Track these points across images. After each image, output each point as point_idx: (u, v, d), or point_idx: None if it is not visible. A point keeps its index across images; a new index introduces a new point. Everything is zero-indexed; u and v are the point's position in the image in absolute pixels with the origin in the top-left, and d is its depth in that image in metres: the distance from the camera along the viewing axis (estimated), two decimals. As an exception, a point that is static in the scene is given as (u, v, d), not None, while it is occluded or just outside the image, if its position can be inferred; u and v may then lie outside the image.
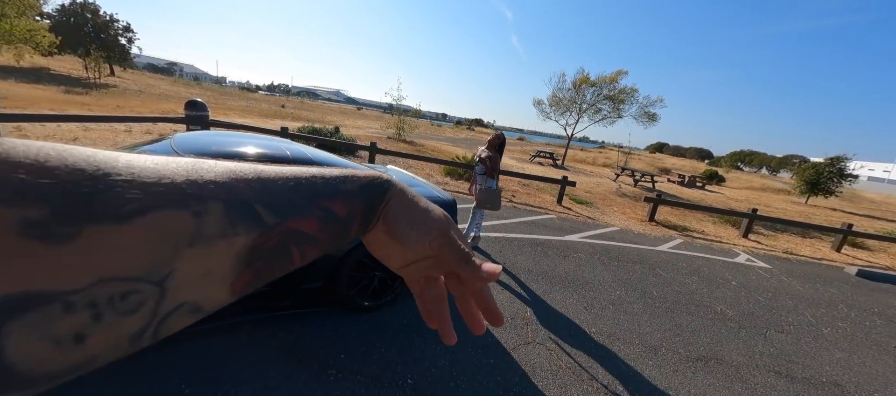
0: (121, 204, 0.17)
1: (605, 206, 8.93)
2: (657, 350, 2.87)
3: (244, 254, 0.21)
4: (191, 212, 0.19)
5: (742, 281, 4.96)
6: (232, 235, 0.20)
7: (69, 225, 0.15)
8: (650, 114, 17.57)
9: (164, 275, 0.18)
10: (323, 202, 0.26)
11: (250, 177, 0.23)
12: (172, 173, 0.19)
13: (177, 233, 0.18)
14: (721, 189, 19.59)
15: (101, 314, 0.16)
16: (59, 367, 0.16)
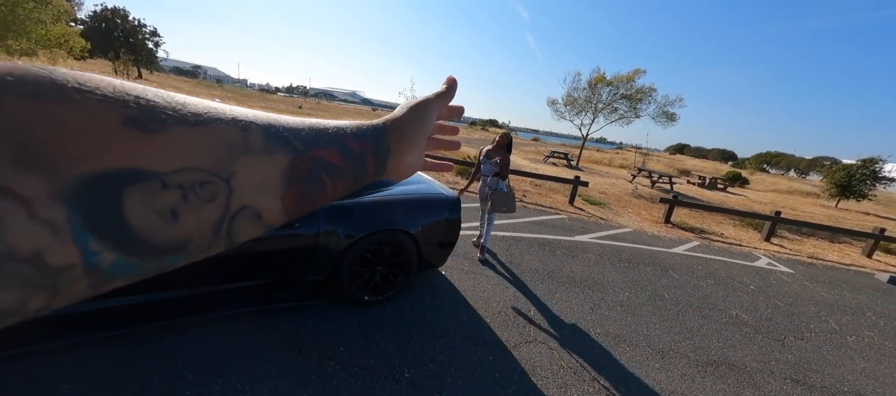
0: (190, 116, 0.21)
1: (620, 207, 8.74)
2: (665, 354, 2.78)
3: (286, 173, 0.26)
4: (239, 128, 0.24)
5: (761, 285, 4.76)
6: (273, 153, 0.25)
7: (156, 121, 0.20)
8: (669, 113, 17.08)
9: (229, 174, 0.23)
10: (340, 139, 0.32)
11: (280, 120, 0.28)
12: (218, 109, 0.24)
13: (231, 142, 0.23)
14: (744, 191, 18.86)
15: (187, 195, 0.21)
16: (164, 239, 0.20)
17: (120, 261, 0.19)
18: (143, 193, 0.19)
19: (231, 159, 0.23)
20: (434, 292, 3.06)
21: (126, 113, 0.18)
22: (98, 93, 0.18)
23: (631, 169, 18.26)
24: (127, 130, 0.18)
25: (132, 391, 1.70)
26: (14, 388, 1.62)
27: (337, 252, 2.41)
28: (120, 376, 1.77)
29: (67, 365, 1.77)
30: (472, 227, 4.69)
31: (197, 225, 0.21)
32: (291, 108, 34.65)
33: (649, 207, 9.25)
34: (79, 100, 0.17)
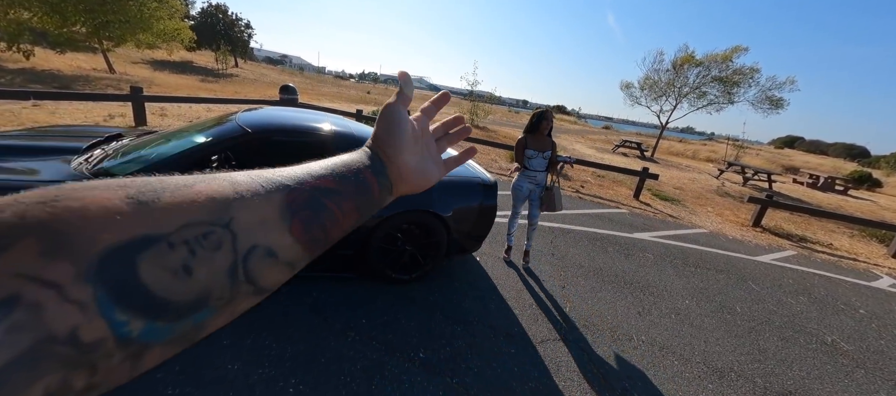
0: (181, 182, 0.24)
1: (697, 205, 7.70)
2: (724, 375, 2.40)
3: (285, 206, 0.28)
4: (228, 181, 0.26)
5: (876, 310, 3.84)
6: (266, 194, 0.27)
7: (152, 193, 0.22)
8: (774, 99, 14.36)
9: (228, 220, 0.24)
10: (329, 168, 0.34)
11: (268, 171, 0.30)
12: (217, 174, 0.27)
13: (222, 191, 0.25)
14: (874, 195, 15.29)
15: (194, 249, 0.22)
16: (183, 296, 0.22)
17: (149, 327, 0.20)
18: (154, 256, 0.21)
19: (226, 206, 0.25)
20: (464, 277, 3.02)
21: (127, 193, 0.21)
22: (102, 186, 0.21)
23: (719, 163, 15.91)
24: (130, 204, 0.21)
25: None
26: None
27: (367, 228, 2.49)
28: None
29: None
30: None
31: (211, 276, 0.23)
32: (360, 93, 36.63)
33: (736, 207, 8.01)
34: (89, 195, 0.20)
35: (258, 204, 0.26)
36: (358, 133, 2.70)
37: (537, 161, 3.10)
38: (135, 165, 2.18)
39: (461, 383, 1.95)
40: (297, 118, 2.64)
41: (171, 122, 7.66)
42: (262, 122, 2.44)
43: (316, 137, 2.61)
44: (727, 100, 14.71)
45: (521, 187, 3.20)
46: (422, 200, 2.60)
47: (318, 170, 0.33)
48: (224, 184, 0.26)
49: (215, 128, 2.48)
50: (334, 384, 1.80)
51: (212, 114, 9.58)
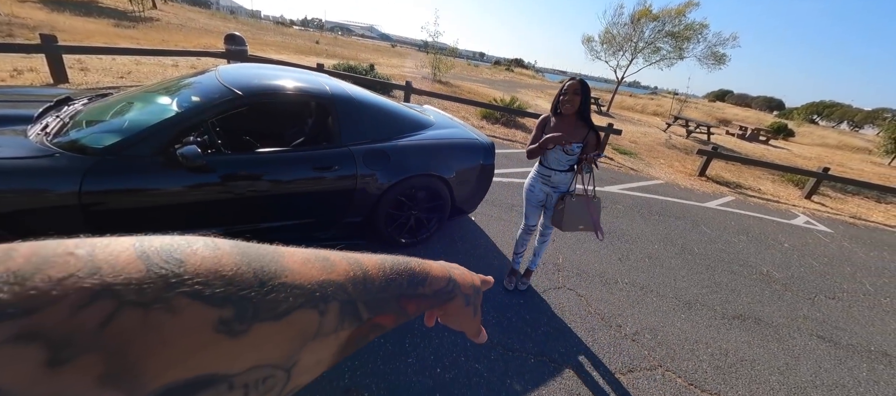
0: (276, 306, 0.22)
1: (651, 158, 8.39)
2: (691, 305, 2.83)
3: (343, 344, 0.27)
4: (318, 312, 0.24)
5: (796, 243, 4.63)
6: (339, 330, 0.26)
7: (244, 322, 0.20)
8: (718, 54, 15.45)
9: (293, 363, 0.23)
10: (402, 301, 0.33)
11: (359, 276, 0.29)
12: (311, 273, 0.25)
13: (307, 330, 0.23)
14: (788, 144, 17.58)
15: (248, 392, 0.21)
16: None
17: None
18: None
19: (300, 348, 0.23)
20: (464, 237, 3.14)
21: (221, 315, 0.19)
22: (206, 293, 0.19)
23: (665, 117, 17.15)
24: (216, 337, 0.19)
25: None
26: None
27: (375, 195, 2.46)
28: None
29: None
30: (504, 174, 4.64)
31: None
32: (308, 42, 33.46)
33: (682, 159, 8.84)
34: (185, 307, 0.18)
35: (326, 345, 0.25)
36: (357, 97, 2.56)
37: (556, 155, 2.10)
38: (110, 137, 1.92)
39: (483, 333, 2.12)
40: (288, 77, 2.43)
41: (99, 80, 6.59)
42: (254, 84, 2.22)
43: (313, 100, 2.45)
44: (678, 56, 15.58)
45: (533, 190, 2.27)
46: (426, 164, 2.60)
47: (395, 296, 0.32)
48: (313, 317, 0.24)
49: (197, 90, 2.22)
50: (369, 347, 1.87)
51: (141, 68, 8.35)
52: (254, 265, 0.22)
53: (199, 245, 0.21)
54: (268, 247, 0.25)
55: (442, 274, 0.39)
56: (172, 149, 1.84)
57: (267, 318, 0.21)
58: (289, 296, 0.22)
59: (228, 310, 0.19)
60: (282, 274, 0.23)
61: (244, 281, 0.21)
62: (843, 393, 2.24)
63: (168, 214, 1.94)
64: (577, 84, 2.02)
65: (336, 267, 0.27)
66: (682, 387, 2.04)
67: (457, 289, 0.40)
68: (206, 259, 0.20)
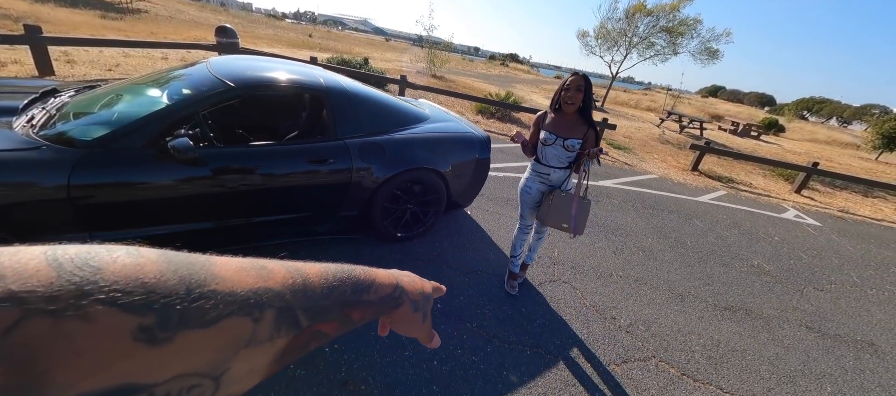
0: (204, 313, 0.21)
1: (645, 153, 8.44)
2: (684, 298, 2.87)
3: (281, 352, 0.26)
4: (252, 319, 0.24)
5: (786, 237, 4.71)
6: (276, 337, 0.25)
7: (168, 330, 0.19)
8: (712, 50, 15.54)
9: (222, 372, 0.22)
10: (346, 309, 0.32)
11: (299, 283, 0.28)
12: (245, 280, 0.24)
13: (239, 337, 0.23)
14: (779, 140, 17.82)
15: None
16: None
17: None
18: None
19: (231, 356, 0.23)
20: (459, 231, 3.14)
21: (141, 323, 0.18)
22: (124, 301, 0.18)
23: (659, 112, 17.26)
24: (135, 346, 0.18)
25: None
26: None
27: (370, 189, 2.45)
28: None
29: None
30: (500, 167, 4.64)
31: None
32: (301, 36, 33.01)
33: (676, 153, 8.91)
34: (100, 315, 0.17)
35: (260, 353, 0.24)
36: (351, 90, 2.53)
37: (555, 151, 2.04)
38: (99, 129, 1.88)
39: (480, 326, 2.13)
40: (281, 69, 2.39)
41: (86, 72, 6.44)
42: (246, 75, 2.19)
43: (307, 92, 2.42)
44: (672, 51, 15.64)
45: (529, 190, 2.20)
46: (422, 158, 2.59)
47: (338, 303, 0.31)
48: (246, 324, 0.23)
49: (189, 82, 2.18)
50: (365, 340, 1.87)
51: (130, 60, 8.18)
52: (181, 272, 0.21)
53: (120, 253, 0.20)
54: (199, 256, 0.24)
55: (388, 281, 0.38)
56: (163, 142, 1.81)
57: (194, 326, 0.20)
58: (219, 304, 0.22)
59: (150, 318, 0.19)
60: (212, 282, 0.22)
61: (169, 289, 0.20)
62: (831, 382, 2.29)
63: (160, 208, 1.91)
64: (580, 80, 1.94)
65: (273, 274, 0.27)
66: (674, 377, 2.08)
67: (404, 296, 0.40)
68: (127, 266, 0.19)
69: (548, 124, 2.08)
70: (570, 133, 2.00)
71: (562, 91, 1.99)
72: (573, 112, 1.99)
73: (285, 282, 0.27)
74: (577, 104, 1.96)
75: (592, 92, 2.00)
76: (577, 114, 2.01)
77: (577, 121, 2.01)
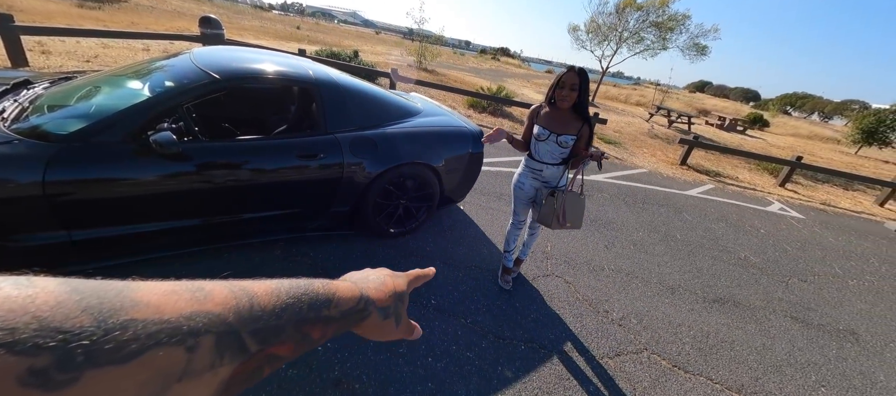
0: (121, 347, 0.18)
1: (635, 147, 8.53)
2: (675, 291, 2.90)
3: (226, 381, 0.24)
4: (185, 347, 0.21)
5: (771, 229, 4.81)
6: (218, 366, 0.23)
7: (70, 371, 0.17)
8: (700, 46, 15.75)
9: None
10: (303, 327, 0.29)
11: (245, 304, 0.25)
12: (176, 305, 0.21)
13: (169, 370, 0.20)
14: (763, 134, 18.21)
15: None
16: None
17: None
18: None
19: (161, 391, 0.20)
20: (453, 226, 3.12)
21: (32, 365, 0.16)
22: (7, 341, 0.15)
23: (648, 107, 17.44)
24: (24, 392, 0.16)
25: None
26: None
27: (362, 184, 2.40)
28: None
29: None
30: (493, 163, 4.62)
31: None
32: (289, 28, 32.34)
33: (665, 148, 9.03)
34: None
35: (200, 381, 0.22)
36: (342, 82, 2.47)
37: (548, 147, 2.01)
38: (76, 123, 1.79)
39: (474, 321, 2.12)
40: (269, 61, 2.32)
41: (62, 63, 6.19)
42: (232, 67, 2.11)
43: (296, 85, 2.36)
44: (661, 46, 15.79)
45: (522, 186, 2.18)
46: (415, 152, 2.55)
47: (292, 323, 0.28)
48: (179, 354, 0.21)
49: (170, 73, 2.10)
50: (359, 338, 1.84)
51: (109, 51, 7.89)
52: (87, 301, 0.19)
53: (5, 285, 0.18)
54: (115, 282, 0.21)
55: (351, 293, 0.35)
56: (145, 136, 1.73)
57: (107, 362, 0.18)
58: (141, 334, 0.19)
59: (43, 358, 0.16)
60: (130, 309, 0.20)
61: (70, 322, 0.18)
62: (815, 371, 2.35)
63: (143, 205, 1.84)
64: (575, 77, 1.86)
65: (212, 296, 0.24)
66: (666, 369, 2.10)
67: (370, 306, 0.37)
68: (12, 299, 0.17)
69: (541, 118, 2.05)
70: (564, 129, 1.97)
71: (556, 87, 1.94)
72: (568, 107, 1.95)
73: (227, 304, 0.25)
74: (573, 101, 1.91)
75: (589, 87, 1.97)
76: (571, 110, 1.96)
77: (572, 117, 1.97)
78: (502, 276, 2.49)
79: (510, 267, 2.48)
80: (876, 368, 2.50)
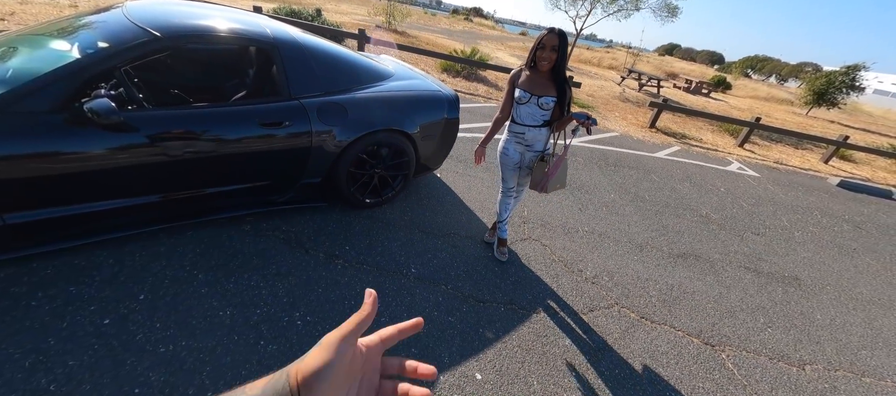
0: None
1: (607, 111, 8.65)
2: (643, 248, 3.05)
3: None
4: None
5: (730, 187, 5.12)
6: None
7: None
8: (671, 7, 15.82)
9: None
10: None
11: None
12: None
13: None
14: (726, 97, 18.96)
15: None
16: None
17: None
18: None
19: None
20: (430, 194, 3.08)
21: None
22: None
23: (620, 70, 17.59)
24: None
25: (143, 290, 1.70)
26: (19, 289, 1.58)
27: (333, 153, 2.28)
28: (130, 274, 1.75)
29: (71, 266, 1.72)
30: (471, 128, 4.54)
31: None
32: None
33: (635, 111, 9.22)
34: None
35: None
36: (305, 43, 2.27)
37: (529, 109, 2.01)
38: (-11, 88, 1.55)
39: (455, 287, 2.14)
40: (218, 18, 2.08)
41: (-28, 20, 5.34)
42: (174, 24, 1.88)
43: (252, 44, 2.14)
44: (634, 6, 15.71)
45: (507, 152, 2.17)
46: (388, 118, 2.44)
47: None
48: None
49: (103, 32, 1.83)
50: (339, 309, 1.82)
51: (29, 7, 6.89)
52: None
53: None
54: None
55: None
56: (78, 104, 1.53)
57: None
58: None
59: None
60: None
61: None
62: (763, 314, 2.59)
63: (89, 182, 1.67)
64: (555, 38, 1.87)
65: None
66: (634, 321, 2.24)
67: None
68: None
69: (522, 82, 2.03)
70: (544, 91, 1.97)
71: (537, 49, 1.92)
72: (547, 69, 1.94)
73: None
74: (552, 62, 1.91)
75: (567, 49, 1.94)
76: (550, 72, 1.96)
77: (551, 79, 1.98)
78: (498, 248, 2.48)
79: (505, 239, 2.47)
80: (814, 308, 2.79)
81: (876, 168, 8.69)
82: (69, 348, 1.42)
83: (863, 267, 3.66)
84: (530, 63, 1.99)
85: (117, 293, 1.67)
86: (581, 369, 1.83)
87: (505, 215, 2.40)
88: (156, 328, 1.54)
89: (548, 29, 1.93)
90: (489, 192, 3.30)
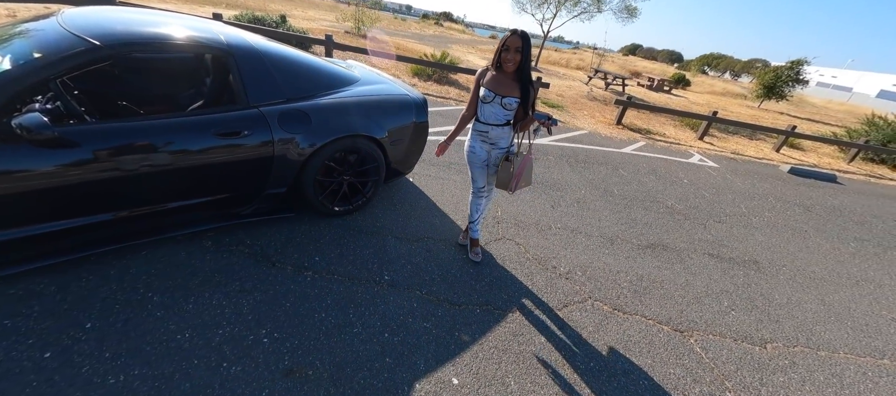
0: None
1: (576, 110, 8.90)
2: (614, 241, 3.14)
3: None
4: None
5: (693, 178, 5.37)
6: None
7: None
8: (630, 8, 16.54)
9: None
10: None
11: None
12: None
13: None
14: (686, 93, 19.98)
15: None
16: None
17: None
18: None
19: None
20: (403, 199, 3.04)
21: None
22: None
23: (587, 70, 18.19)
24: None
25: (90, 318, 1.57)
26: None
27: (297, 162, 2.21)
28: (74, 302, 1.62)
29: (6, 296, 1.57)
30: (440, 133, 4.54)
31: None
32: (206, -8, 28.25)
33: (602, 109, 9.53)
34: None
35: None
36: (263, 50, 2.19)
37: (492, 109, 2.03)
38: None
39: (429, 292, 2.11)
40: (166, 25, 1.97)
41: None
42: (117, 32, 1.76)
43: (205, 52, 2.05)
44: (596, 9, 16.32)
45: (473, 150, 2.18)
46: (354, 124, 2.39)
47: None
48: None
49: (34, 42, 1.69)
50: (309, 323, 1.75)
51: (-35, 18, 6.33)
52: None
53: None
54: None
55: None
56: (5, 120, 1.40)
57: None
58: None
59: None
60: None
61: None
62: (726, 297, 2.71)
63: (26, 204, 1.53)
64: (518, 40, 1.89)
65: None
66: (607, 313, 2.29)
67: None
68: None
69: (487, 82, 2.05)
70: (508, 91, 1.99)
71: (502, 51, 1.94)
72: (512, 70, 1.96)
73: None
74: (517, 64, 1.93)
75: (531, 50, 1.98)
76: (515, 73, 1.98)
77: (516, 80, 2.00)
78: (472, 249, 2.48)
79: (477, 239, 2.48)
80: (772, 289, 2.95)
81: (821, 154, 9.39)
82: (2, 388, 1.28)
83: (814, 247, 3.92)
84: (496, 64, 2.01)
85: (60, 323, 1.53)
86: (557, 365, 1.85)
87: (476, 215, 2.40)
88: (105, 358, 1.42)
89: (511, 31, 1.96)
90: (462, 195, 3.30)
